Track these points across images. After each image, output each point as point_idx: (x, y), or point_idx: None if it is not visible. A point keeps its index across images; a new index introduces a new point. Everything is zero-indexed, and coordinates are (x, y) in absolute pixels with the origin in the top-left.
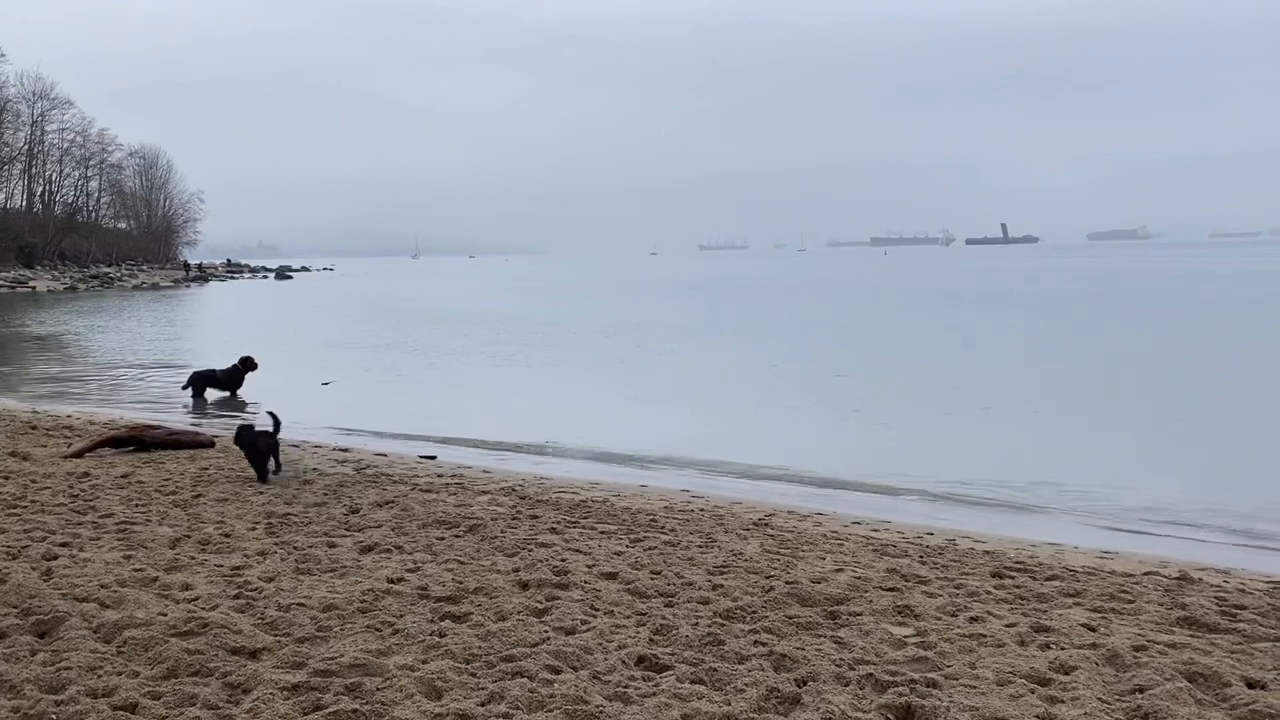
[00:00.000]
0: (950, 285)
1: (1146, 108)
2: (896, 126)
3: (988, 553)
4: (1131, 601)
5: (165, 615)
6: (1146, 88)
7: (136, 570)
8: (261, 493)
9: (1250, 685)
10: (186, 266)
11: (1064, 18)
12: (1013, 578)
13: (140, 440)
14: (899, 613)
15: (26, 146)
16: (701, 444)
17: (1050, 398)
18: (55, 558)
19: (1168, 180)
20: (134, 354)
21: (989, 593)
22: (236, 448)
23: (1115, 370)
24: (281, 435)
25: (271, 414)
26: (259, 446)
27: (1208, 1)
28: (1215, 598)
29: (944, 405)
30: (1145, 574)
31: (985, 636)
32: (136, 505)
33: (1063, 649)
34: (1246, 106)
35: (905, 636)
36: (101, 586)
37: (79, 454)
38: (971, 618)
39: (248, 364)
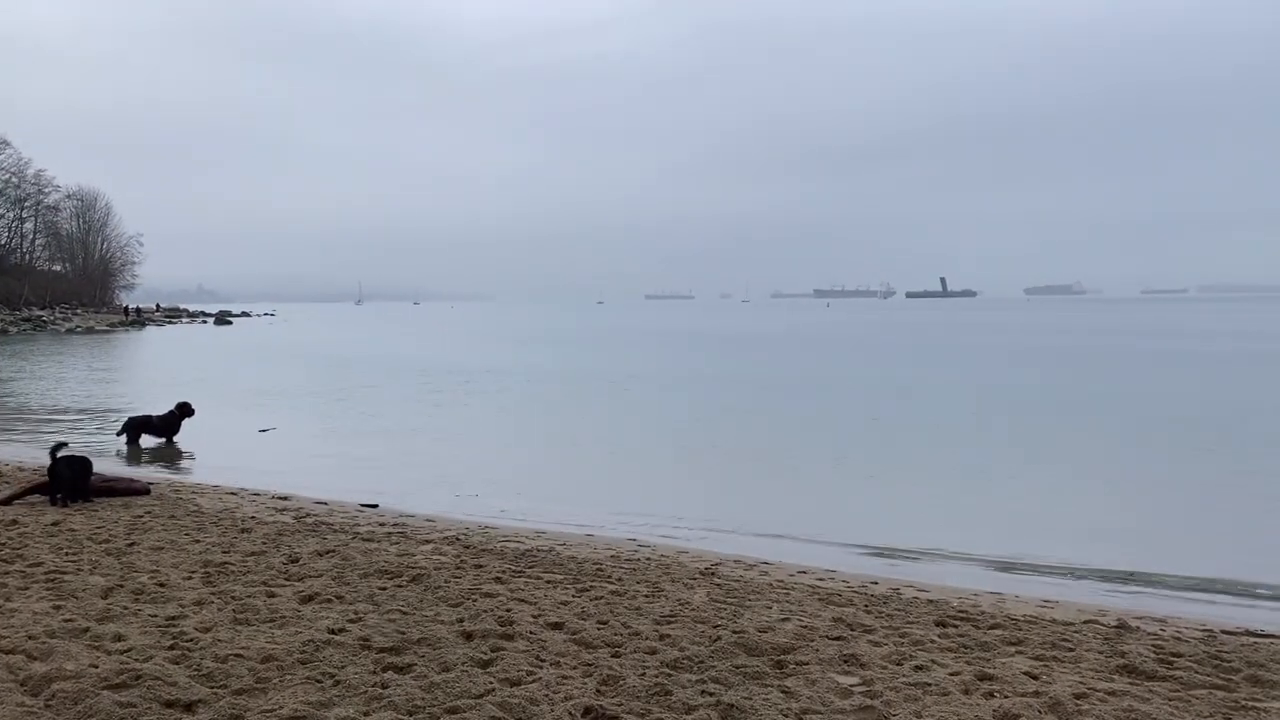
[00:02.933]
0: (908, 338)
1: (1081, 169)
2: (839, 182)
3: (931, 602)
4: (1072, 650)
5: (96, 667)
6: (1082, 150)
7: (66, 621)
8: (198, 541)
9: None
10: (126, 310)
11: (1001, 84)
12: (956, 626)
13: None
14: (845, 662)
15: None
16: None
17: (984, 447)
18: None
19: (1101, 239)
20: (66, 398)
21: (933, 641)
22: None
23: (1058, 422)
24: (218, 482)
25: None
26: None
27: (1137, 72)
28: (1153, 646)
29: (885, 457)
30: (1085, 623)
31: (930, 685)
32: (67, 554)
33: (1006, 697)
34: (1177, 170)
35: (851, 685)
36: (29, 638)
37: (7, 501)
38: (916, 666)
39: (185, 410)
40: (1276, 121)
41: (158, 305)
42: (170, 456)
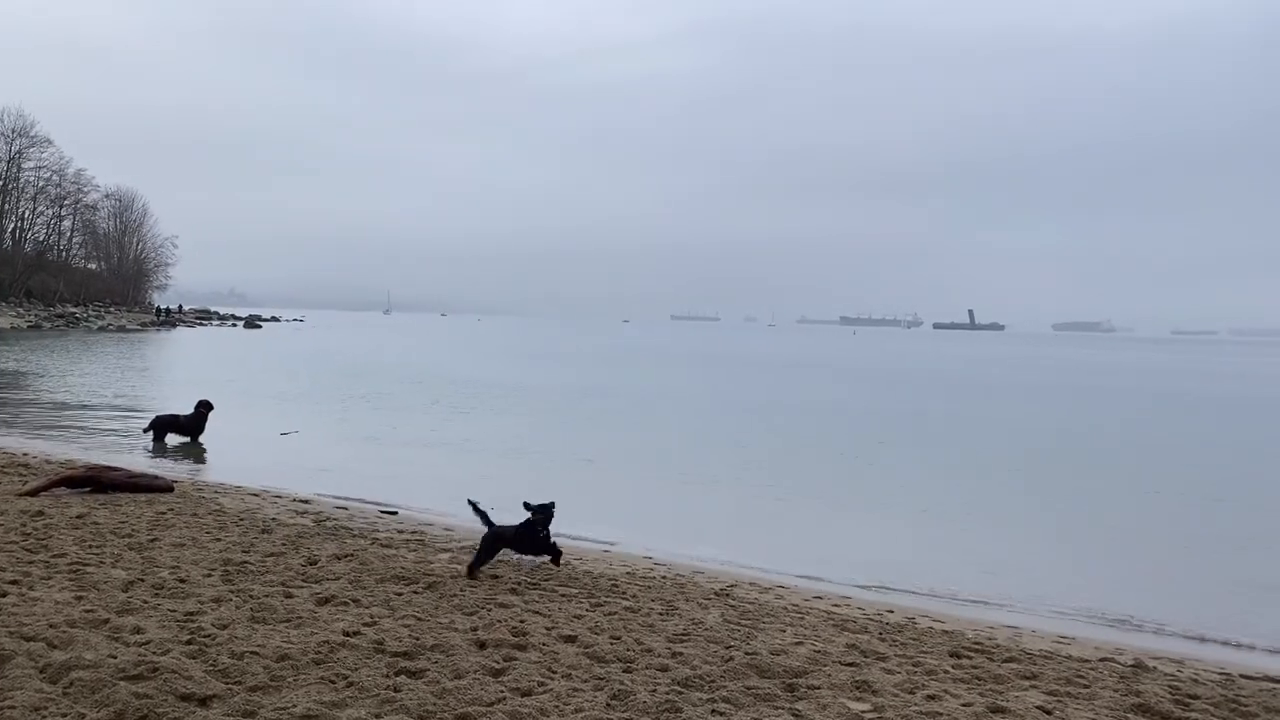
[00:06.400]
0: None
1: (1113, 206)
2: (869, 210)
3: (946, 632)
4: (1087, 686)
5: (115, 658)
6: (1114, 188)
7: (87, 611)
8: (219, 540)
9: None
10: (158, 311)
11: (1033, 117)
12: (970, 658)
13: (98, 481)
14: (857, 688)
15: (1, 183)
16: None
17: (1003, 493)
18: (4, 595)
19: (1132, 277)
20: (94, 394)
21: (947, 672)
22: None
23: (1074, 465)
24: (241, 483)
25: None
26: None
27: (1176, 114)
28: (1169, 686)
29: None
30: (1101, 660)
31: (941, 714)
32: (90, 546)
33: None
34: (1210, 212)
35: (862, 712)
36: (50, 626)
37: (34, 492)
38: (929, 695)
39: (205, 407)
40: None
41: (180, 306)
42: (194, 455)
